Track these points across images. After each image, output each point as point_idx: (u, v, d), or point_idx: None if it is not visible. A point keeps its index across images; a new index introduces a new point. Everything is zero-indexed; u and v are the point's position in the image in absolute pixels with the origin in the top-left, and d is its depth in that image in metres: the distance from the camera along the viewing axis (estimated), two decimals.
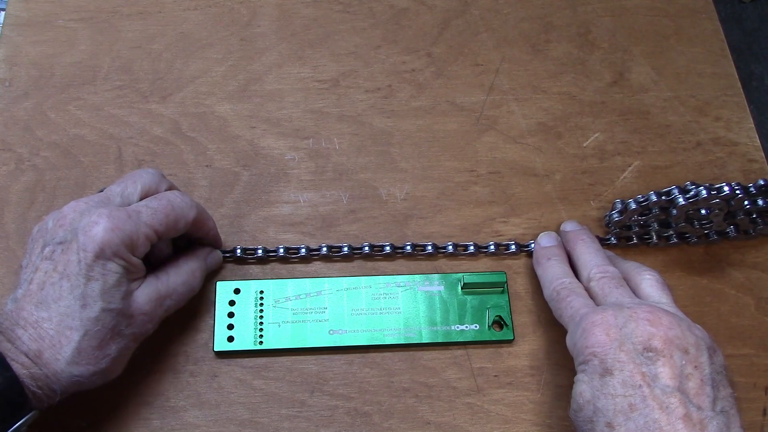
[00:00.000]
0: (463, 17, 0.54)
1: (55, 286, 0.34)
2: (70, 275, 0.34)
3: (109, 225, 0.34)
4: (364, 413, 0.40)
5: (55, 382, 0.33)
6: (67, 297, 0.34)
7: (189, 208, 0.38)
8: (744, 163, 0.49)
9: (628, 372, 0.34)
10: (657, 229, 0.45)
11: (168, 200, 0.38)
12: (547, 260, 0.43)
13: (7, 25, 0.51)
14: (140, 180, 0.39)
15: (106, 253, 0.34)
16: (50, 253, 0.35)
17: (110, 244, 0.34)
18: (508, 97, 0.51)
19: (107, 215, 0.35)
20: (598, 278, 0.40)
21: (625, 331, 0.35)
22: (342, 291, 0.43)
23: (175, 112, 0.49)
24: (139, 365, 0.41)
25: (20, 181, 0.46)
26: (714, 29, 0.54)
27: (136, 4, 0.53)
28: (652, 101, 0.51)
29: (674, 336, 0.34)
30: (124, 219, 0.35)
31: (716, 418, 0.33)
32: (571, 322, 0.38)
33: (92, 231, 0.34)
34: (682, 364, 0.34)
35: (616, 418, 0.33)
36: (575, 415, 0.36)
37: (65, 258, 0.34)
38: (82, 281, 0.34)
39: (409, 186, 0.47)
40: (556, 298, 0.40)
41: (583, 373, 0.35)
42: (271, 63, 0.51)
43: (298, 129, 0.49)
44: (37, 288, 0.34)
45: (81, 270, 0.34)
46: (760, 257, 0.46)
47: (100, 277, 0.34)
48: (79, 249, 0.34)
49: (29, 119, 0.48)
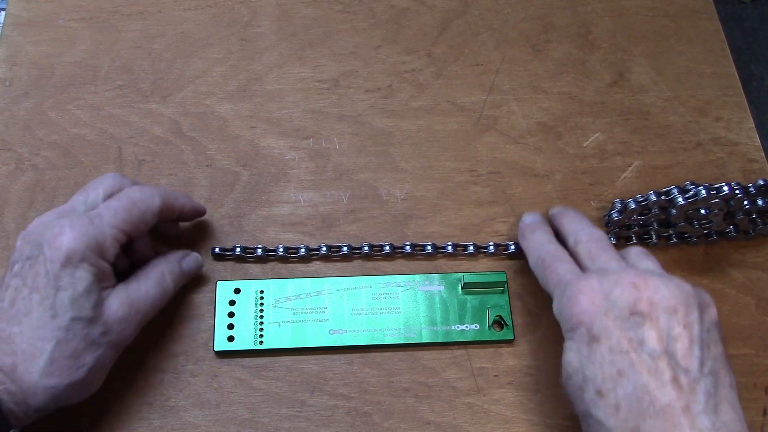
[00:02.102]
0: (464, 17, 0.54)
1: (25, 300, 0.34)
2: (39, 287, 0.34)
3: (73, 233, 0.34)
4: (364, 413, 0.41)
5: (30, 396, 0.33)
6: (37, 309, 0.33)
7: (151, 198, 0.38)
8: (744, 163, 0.49)
9: (615, 338, 0.33)
10: (657, 229, 0.45)
11: (128, 197, 0.37)
12: (531, 232, 0.43)
13: (8, 24, 0.51)
14: (101, 185, 0.38)
15: (73, 261, 0.34)
16: (19, 269, 0.35)
17: (76, 250, 0.34)
18: (509, 97, 0.51)
19: (69, 224, 0.35)
20: (584, 241, 0.40)
21: (610, 297, 0.34)
22: (342, 291, 0.43)
23: (176, 111, 0.49)
24: (139, 365, 0.41)
25: (20, 181, 0.46)
26: (714, 29, 0.54)
27: (137, 4, 0.53)
28: (653, 101, 0.51)
29: (661, 297, 0.34)
30: (86, 224, 0.35)
31: (704, 379, 0.32)
32: (556, 289, 0.37)
33: (57, 241, 0.34)
34: (669, 325, 0.33)
35: (605, 384, 0.33)
36: (566, 383, 0.35)
37: (33, 272, 0.34)
38: (52, 292, 0.33)
39: (409, 186, 0.47)
40: (540, 265, 0.40)
41: (571, 341, 0.35)
42: (271, 63, 0.51)
43: (299, 129, 0.49)
44: (9, 305, 0.34)
45: (49, 281, 0.34)
46: (760, 257, 0.46)
47: (69, 286, 0.34)
48: (46, 260, 0.34)
49: (29, 119, 0.48)
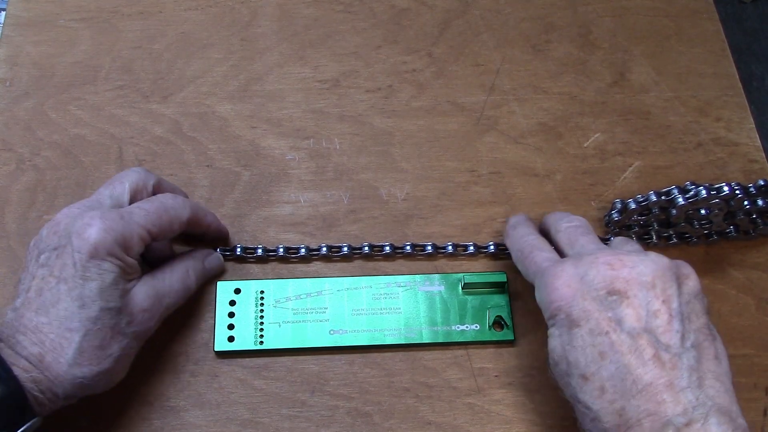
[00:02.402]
0: (464, 17, 0.54)
1: (52, 291, 0.34)
2: (66, 278, 0.34)
3: (102, 225, 0.35)
4: (364, 413, 0.41)
5: (57, 386, 0.33)
6: (65, 299, 0.34)
7: (182, 209, 0.39)
8: (745, 164, 0.49)
9: (594, 320, 0.33)
10: (657, 229, 0.45)
11: (161, 202, 0.38)
12: (513, 228, 0.43)
13: (8, 25, 0.51)
14: (127, 179, 0.39)
15: (101, 253, 0.34)
16: (46, 259, 0.35)
17: (104, 243, 0.34)
18: (509, 98, 0.51)
19: (99, 216, 0.35)
20: (564, 228, 0.40)
21: (586, 279, 0.34)
22: (342, 291, 0.43)
23: (176, 112, 0.49)
24: (139, 365, 0.41)
25: (21, 181, 0.46)
26: (715, 29, 0.54)
27: (137, 4, 0.53)
28: (653, 101, 0.51)
29: (637, 273, 0.34)
30: (116, 219, 0.35)
31: (686, 354, 0.32)
32: (536, 278, 0.37)
33: (86, 233, 0.34)
34: (647, 301, 0.33)
35: (588, 368, 0.33)
36: (552, 370, 0.35)
37: (60, 262, 0.34)
38: (79, 282, 0.34)
39: (410, 186, 0.47)
40: (520, 257, 0.40)
41: (554, 327, 0.35)
42: (271, 63, 0.51)
43: (299, 129, 0.49)
44: (35, 295, 0.34)
45: (77, 272, 0.34)
46: (761, 257, 0.46)
47: (97, 277, 0.34)
48: (74, 251, 0.34)
49: (30, 119, 0.48)
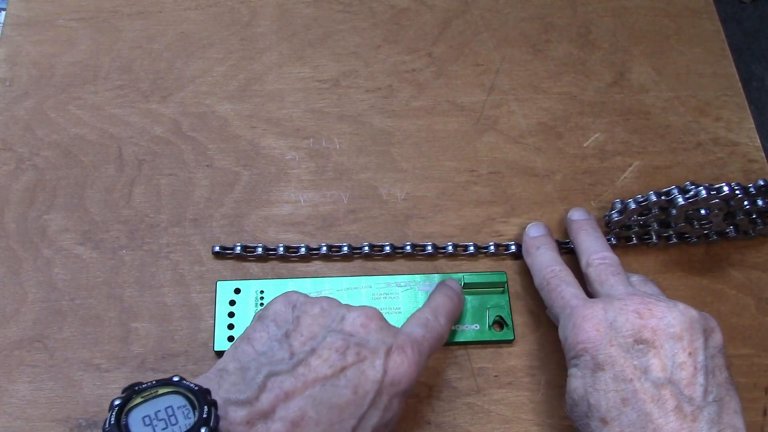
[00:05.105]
0: (464, 17, 0.54)
1: (336, 389, 0.31)
2: (357, 388, 0.31)
3: (415, 370, 0.33)
4: None
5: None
6: (345, 409, 0.31)
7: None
8: (744, 164, 0.49)
9: (619, 366, 0.34)
10: (657, 229, 0.45)
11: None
12: (536, 249, 0.42)
13: (8, 24, 0.51)
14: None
15: (404, 394, 0.33)
16: (343, 348, 0.32)
17: (410, 386, 0.33)
18: (509, 97, 0.51)
19: (416, 361, 0.33)
20: (596, 264, 0.40)
21: (615, 325, 0.35)
22: (342, 291, 0.43)
23: (176, 111, 0.49)
24: (139, 365, 0.41)
25: (20, 181, 0.46)
26: (714, 29, 0.54)
27: (137, 4, 0.53)
28: (653, 101, 0.51)
29: (666, 325, 0.34)
30: (422, 362, 0.34)
31: (708, 408, 0.32)
32: (561, 314, 0.38)
33: (399, 372, 0.33)
34: (674, 353, 0.33)
35: (610, 413, 0.33)
36: (571, 410, 0.36)
37: (359, 372, 0.32)
38: (367, 402, 0.31)
39: (410, 186, 0.47)
40: (546, 287, 0.40)
41: (576, 368, 0.35)
42: (271, 63, 0.51)
43: (299, 129, 0.49)
44: (313, 379, 0.31)
45: (370, 390, 0.32)
46: (761, 257, 0.46)
47: (382, 410, 0.32)
48: (383, 370, 0.32)
49: (29, 119, 0.48)
